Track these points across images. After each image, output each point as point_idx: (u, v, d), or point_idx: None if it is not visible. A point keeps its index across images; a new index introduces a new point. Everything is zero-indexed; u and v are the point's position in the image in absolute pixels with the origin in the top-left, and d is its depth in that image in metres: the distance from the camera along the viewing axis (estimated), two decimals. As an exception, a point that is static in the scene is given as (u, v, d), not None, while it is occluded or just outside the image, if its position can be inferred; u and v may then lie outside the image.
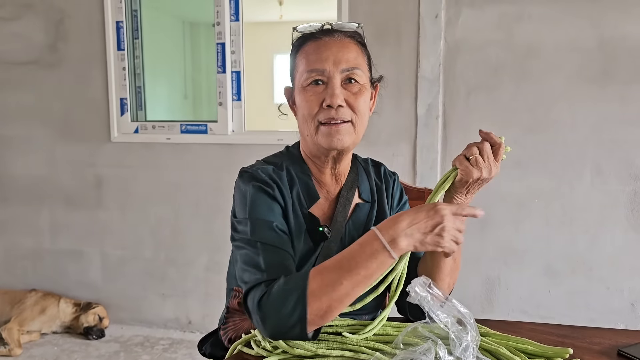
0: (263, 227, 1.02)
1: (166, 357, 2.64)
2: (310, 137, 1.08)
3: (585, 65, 2.34)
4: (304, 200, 1.11)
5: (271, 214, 1.04)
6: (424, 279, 0.80)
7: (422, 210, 0.93)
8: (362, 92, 1.06)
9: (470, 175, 1.01)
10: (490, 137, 1.03)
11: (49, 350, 2.72)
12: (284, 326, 0.90)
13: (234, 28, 2.73)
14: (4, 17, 2.97)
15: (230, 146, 2.77)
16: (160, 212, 2.91)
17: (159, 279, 2.97)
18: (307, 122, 1.07)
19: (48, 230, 3.08)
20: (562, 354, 0.90)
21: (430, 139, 2.51)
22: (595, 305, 2.43)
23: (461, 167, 1.01)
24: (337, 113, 1.03)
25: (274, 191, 1.05)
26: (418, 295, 0.77)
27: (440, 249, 0.92)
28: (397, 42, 2.50)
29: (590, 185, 2.39)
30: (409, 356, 0.76)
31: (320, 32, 1.08)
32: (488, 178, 1.02)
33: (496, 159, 1.03)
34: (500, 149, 1.03)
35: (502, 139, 1.04)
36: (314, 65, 1.05)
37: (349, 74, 1.05)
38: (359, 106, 1.05)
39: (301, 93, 1.07)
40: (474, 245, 2.51)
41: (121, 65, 2.85)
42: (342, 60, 1.04)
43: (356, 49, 1.07)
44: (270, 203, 1.05)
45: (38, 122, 3.01)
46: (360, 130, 1.09)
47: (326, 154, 1.09)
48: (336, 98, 1.02)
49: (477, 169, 1.00)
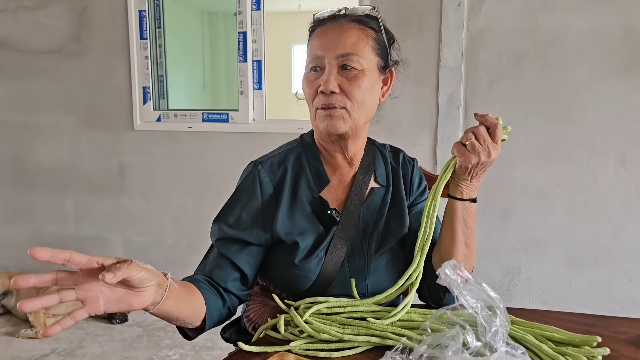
0: (217, 231, 1.11)
1: (187, 341, 2.69)
2: (313, 121, 1.10)
3: (610, 54, 2.31)
4: (314, 185, 1.12)
5: (233, 214, 1.10)
6: (454, 262, 0.80)
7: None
8: (359, 77, 1.04)
9: (468, 161, 1.01)
10: (486, 119, 1.02)
11: (74, 333, 2.78)
12: None
13: (255, 17, 2.74)
14: (29, 7, 3.02)
15: (251, 135, 2.80)
16: (182, 199, 2.95)
17: (181, 266, 3.01)
18: (309, 107, 1.10)
19: (72, 217, 3.14)
20: (589, 342, 0.89)
21: (451, 128, 2.50)
22: (617, 297, 2.41)
23: (459, 154, 1.02)
24: (330, 99, 1.03)
25: (257, 191, 1.10)
26: (448, 277, 0.78)
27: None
28: (419, 31, 2.49)
29: (614, 175, 2.36)
30: (437, 341, 0.77)
31: (327, 18, 1.08)
32: (488, 161, 1.01)
33: (494, 141, 1.01)
34: (496, 130, 1.01)
35: (500, 120, 1.03)
36: (314, 51, 1.06)
37: (343, 60, 1.03)
38: (353, 92, 1.03)
39: (304, 79, 1.09)
40: (494, 235, 2.50)
41: (144, 54, 2.88)
42: (339, 45, 1.03)
43: (357, 34, 1.05)
44: (245, 204, 1.09)
45: (62, 110, 3.06)
46: (358, 116, 1.06)
47: (328, 137, 1.10)
48: (328, 84, 1.02)
49: (475, 153, 1.00)
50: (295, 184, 1.11)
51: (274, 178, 1.11)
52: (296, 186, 1.11)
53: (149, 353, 2.56)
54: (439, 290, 1.13)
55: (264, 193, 1.09)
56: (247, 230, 1.08)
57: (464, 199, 1.08)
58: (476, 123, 1.04)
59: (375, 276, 1.12)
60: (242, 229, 1.09)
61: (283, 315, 1.00)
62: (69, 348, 2.61)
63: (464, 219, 1.09)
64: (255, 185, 1.10)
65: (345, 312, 1.02)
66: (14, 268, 3.24)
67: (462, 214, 1.08)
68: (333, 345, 0.94)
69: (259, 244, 1.09)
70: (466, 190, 1.07)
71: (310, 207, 1.11)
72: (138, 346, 2.64)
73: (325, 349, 0.93)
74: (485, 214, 2.49)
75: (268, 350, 0.92)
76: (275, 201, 1.10)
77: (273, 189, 1.10)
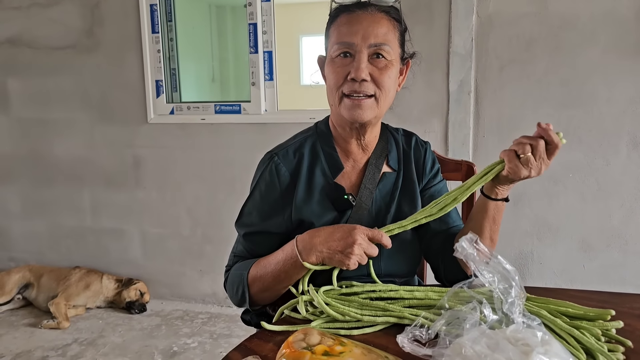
0: (244, 217, 1.19)
1: (205, 329, 2.74)
2: (335, 107, 1.12)
3: (621, 37, 2.30)
4: (328, 172, 1.15)
5: (259, 206, 1.16)
6: (471, 235, 0.83)
7: (339, 231, 1.01)
8: (389, 67, 1.07)
9: (518, 175, 1.00)
10: (548, 135, 0.98)
11: (94, 323, 2.85)
12: (236, 302, 1.17)
13: (265, 8, 2.76)
14: (42, 4, 3.05)
15: (263, 125, 2.82)
16: (197, 190, 2.99)
17: (197, 256, 3.06)
18: (332, 93, 1.11)
19: (89, 210, 3.20)
20: (604, 316, 0.91)
21: (462, 114, 2.51)
22: (631, 279, 2.42)
23: (510, 165, 1.00)
24: (361, 87, 1.05)
25: (275, 181, 1.14)
26: (465, 250, 0.80)
27: (344, 267, 1.01)
28: (428, 17, 2.49)
29: (627, 158, 2.36)
30: (455, 315, 0.79)
31: (355, 5, 1.09)
32: (535, 176, 1.01)
33: (549, 158, 0.99)
34: (556, 150, 0.98)
35: (561, 138, 0.96)
36: (343, 37, 1.07)
37: (376, 49, 1.05)
38: (384, 81, 1.06)
39: (330, 64, 1.10)
40: (507, 220, 2.49)
41: (156, 48, 2.91)
42: (372, 35, 1.05)
43: (387, 25, 1.07)
44: (265, 195, 1.15)
45: (77, 105, 3.10)
46: (384, 105, 1.10)
47: (350, 125, 1.12)
48: (361, 72, 1.04)
49: (527, 169, 0.99)
50: (311, 171, 1.15)
51: (291, 166, 1.15)
52: (312, 173, 1.15)
53: (168, 341, 2.62)
54: (458, 271, 1.15)
55: (282, 183, 1.14)
56: (268, 220, 1.15)
57: (497, 199, 1.10)
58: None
59: (388, 258, 1.16)
60: (264, 221, 1.15)
61: (303, 296, 1.03)
62: (90, 338, 2.67)
63: (494, 217, 1.11)
64: (273, 177, 1.14)
65: (363, 293, 1.05)
66: (34, 261, 3.31)
67: (492, 213, 1.11)
68: (353, 324, 0.97)
69: (280, 232, 1.15)
70: (501, 192, 1.09)
71: (325, 193, 1.14)
72: (157, 335, 2.69)
73: (345, 327, 0.96)
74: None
75: (290, 329, 0.95)
76: (292, 188, 1.14)
77: (290, 177, 1.14)
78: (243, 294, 1.12)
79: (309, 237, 1.03)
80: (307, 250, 1.02)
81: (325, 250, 1.01)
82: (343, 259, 1.00)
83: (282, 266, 1.05)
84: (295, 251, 1.03)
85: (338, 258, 1.00)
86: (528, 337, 0.68)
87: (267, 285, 1.09)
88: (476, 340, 0.68)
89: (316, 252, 1.01)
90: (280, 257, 1.07)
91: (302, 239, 1.04)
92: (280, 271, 1.06)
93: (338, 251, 1.00)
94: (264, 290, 1.10)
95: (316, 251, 1.01)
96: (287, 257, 1.05)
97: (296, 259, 1.03)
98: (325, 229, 1.04)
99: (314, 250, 1.01)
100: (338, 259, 1.00)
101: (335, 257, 1.00)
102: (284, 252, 1.06)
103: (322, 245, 1.01)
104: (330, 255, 1.01)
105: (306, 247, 1.02)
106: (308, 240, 1.03)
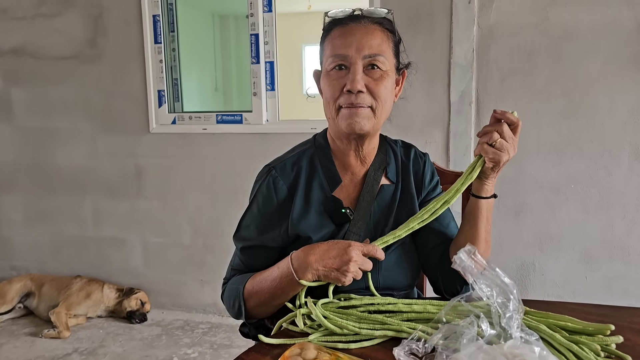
0: (242, 230, 1.19)
1: (206, 340, 2.73)
2: (332, 119, 1.12)
3: (622, 48, 2.30)
4: (326, 185, 1.15)
5: (256, 219, 1.16)
6: (469, 247, 0.82)
7: (334, 248, 1.02)
8: (384, 78, 1.08)
9: (500, 160, 1.03)
10: (507, 117, 1.03)
11: (95, 333, 2.84)
12: (233, 315, 1.17)
13: (267, 19, 2.78)
14: (45, 14, 3.08)
15: (265, 135, 2.83)
16: (198, 200, 3.00)
17: (198, 266, 3.06)
18: (329, 105, 1.11)
19: (91, 219, 3.21)
20: (603, 331, 0.90)
21: (463, 125, 2.51)
22: (634, 291, 2.40)
23: (488, 156, 1.03)
24: (357, 98, 1.06)
25: (273, 195, 1.14)
26: (463, 262, 0.80)
27: (340, 284, 1.02)
28: (429, 28, 2.50)
29: (629, 169, 2.36)
30: (452, 329, 0.79)
31: (347, 18, 1.10)
32: (514, 155, 1.04)
33: (515, 136, 1.03)
34: (518, 127, 1.03)
35: (515, 114, 1.03)
36: (338, 50, 1.07)
37: (371, 60, 1.06)
38: (380, 92, 1.07)
39: (325, 77, 1.11)
40: (509, 231, 2.51)
41: (158, 58, 2.93)
42: (366, 46, 1.06)
43: (381, 36, 1.08)
44: (262, 209, 1.15)
45: (80, 114, 3.12)
46: (381, 116, 1.10)
47: (347, 137, 1.12)
48: (356, 83, 1.04)
49: (505, 152, 1.02)
50: (309, 184, 1.15)
51: (288, 180, 1.15)
52: (309, 186, 1.15)
53: (168, 352, 2.61)
54: (456, 283, 1.15)
55: (279, 196, 1.14)
56: (265, 234, 1.15)
57: (488, 197, 1.11)
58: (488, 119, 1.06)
59: (387, 271, 1.15)
60: (261, 234, 1.16)
61: (301, 310, 1.03)
62: (91, 347, 2.66)
63: (487, 216, 1.12)
64: (271, 191, 1.15)
65: (362, 306, 1.04)
66: (35, 270, 3.31)
67: (486, 212, 1.12)
68: (351, 337, 0.96)
69: (277, 246, 1.15)
70: (490, 188, 1.11)
71: (323, 207, 1.14)
72: (158, 345, 2.69)
73: (343, 340, 0.95)
74: (500, 210, 2.49)
75: (288, 342, 0.95)
76: (290, 202, 1.14)
77: (287, 191, 1.14)
78: (239, 308, 1.13)
79: (304, 255, 1.03)
80: (303, 268, 1.02)
81: (321, 268, 1.01)
82: (339, 276, 1.01)
83: (278, 283, 1.06)
84: (291, 269, 1.03)
85: (334, 275, 1.01)
86: (525, 353, 0.67)
87: (264, 300, 1.09)
88: (473, 355, 0.68)
89: (312, 270, 1.02)
90: (276, 274, 1.07)
91: (297, 257, 1.04)
92: (277, 288, 1.06)
93: (334, 269, 1.01)
94: (260, 305, 1.10)
95: (312, 269, 1.02)
96: (283, 275, 1.05)
97: (292, 276, 1.03)
98: (320, 246, 1.04)
99: (310, 268, 1.02)
100: (334, 277, 1.01)
101: (331, 275, 1.01)
102: (280, 269, 1.07)
103: (318, 263, 1.01)
104: (326, 273, 1.02)
105: (301, 265, 1.03)
106: (303, 258, 1.03)
